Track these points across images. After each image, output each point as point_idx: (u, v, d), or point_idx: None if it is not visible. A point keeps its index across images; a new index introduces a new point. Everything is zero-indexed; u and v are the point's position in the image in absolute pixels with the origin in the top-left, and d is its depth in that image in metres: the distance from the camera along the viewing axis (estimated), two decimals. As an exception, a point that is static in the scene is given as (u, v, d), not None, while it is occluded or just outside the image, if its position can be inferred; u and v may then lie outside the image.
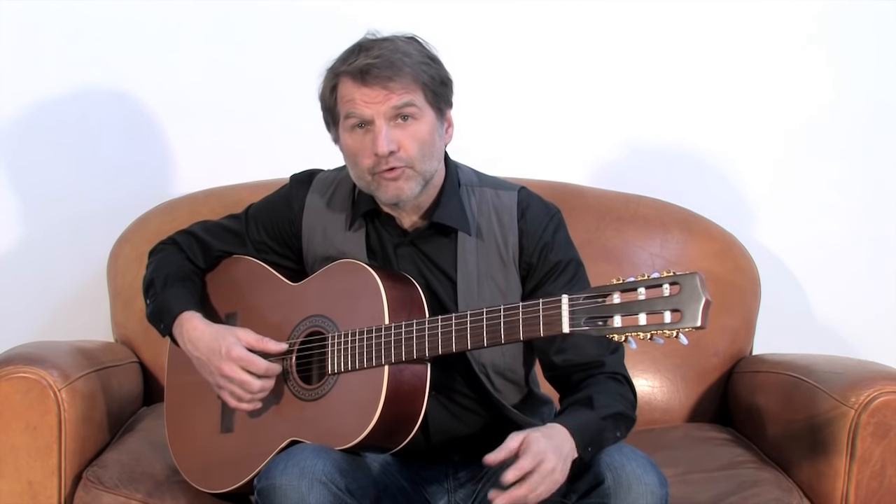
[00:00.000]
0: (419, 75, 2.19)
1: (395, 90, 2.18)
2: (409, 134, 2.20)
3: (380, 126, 2.18)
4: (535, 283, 2.28)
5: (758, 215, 3.19)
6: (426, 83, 2.20)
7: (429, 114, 2.22)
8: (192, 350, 2.32)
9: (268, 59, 3.16)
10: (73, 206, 3.16)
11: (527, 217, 2.29)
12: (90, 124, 3.17)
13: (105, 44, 3.15)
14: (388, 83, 2.17)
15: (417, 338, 2.15)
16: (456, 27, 3.14)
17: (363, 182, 2.24)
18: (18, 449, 2.42)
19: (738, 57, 3.19)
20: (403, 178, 2.20)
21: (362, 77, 2.18)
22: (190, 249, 2.44)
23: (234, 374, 2.26)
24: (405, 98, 2.18)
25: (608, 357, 2.24)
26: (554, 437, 2.08)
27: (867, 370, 2.53)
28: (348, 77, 2.20)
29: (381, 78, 2.17)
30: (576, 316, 2.03)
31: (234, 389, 2.27)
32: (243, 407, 2.29)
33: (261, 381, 2.26)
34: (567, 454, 2.08)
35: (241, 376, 2.26)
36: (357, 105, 2.19)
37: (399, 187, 2.21)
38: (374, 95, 2.18)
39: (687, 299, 1.94)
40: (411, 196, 2.22)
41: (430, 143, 2.22)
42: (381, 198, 2.24)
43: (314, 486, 2.07)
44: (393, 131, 2.19)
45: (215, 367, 2.28)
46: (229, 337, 2.28)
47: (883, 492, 2.43)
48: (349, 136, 2.23)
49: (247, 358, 2.26)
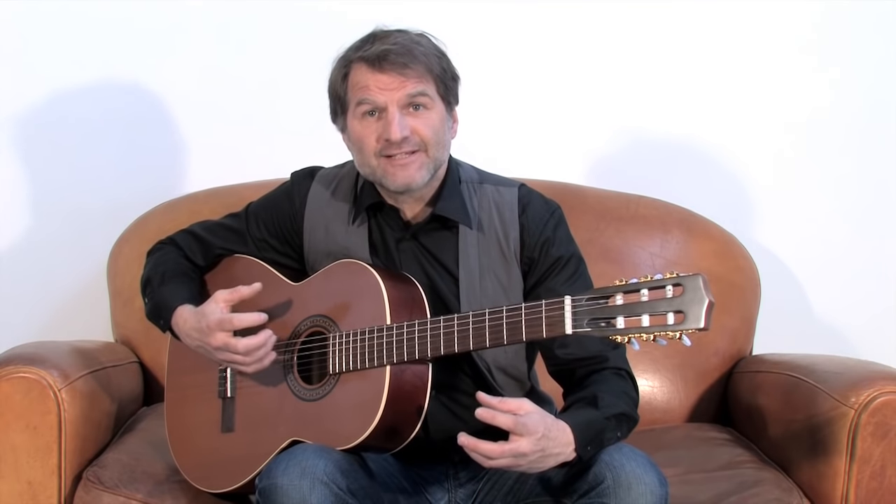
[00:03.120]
0: (433, 66, 2.21)
1: (410, 77, 2.18)
2: (423, 121, 2.21)
3: (393, 113, 2.19)
4: (536, 279, 2.28)
5: (758, 215, 3.19)
6: (439, 75, 2.21)
7: (439, 105, 2.23)
8: (190, 342, 2.31)
9: (268, 60, 3.16)
10: (73, 206, 3.15)
11: (528, 213, 2.30)
12: (90, 124, 3.17)
13: (105, 44, 3.15)
14: (404, 69, 2.18)
15: (419, 338, 2.15)
16: (456, 27, 3.12)
17: (369, 169, 2.24)
18: (18, 449, 2.42)
19: (738, 56, 3.19)
20: (416, 164, 2.20)
21: (379, 63, 2.18)
22: (188, 248, 2.44)
23: (224, 342, 2.23)
24: (419, 87, 2.19)
25: (611, 352, 2.24)
26: (553, 439, 2.07)
27: (867, 370, 2.53)
28: (363, 63, 2.20)
29: (397, 64, 2.17)
30: (578, 317, 2.03)
31: (234, 357, 2.25)
32: (253, 369, 2.25)
33: (245, 340, 2.22)
34: (554, 456, 2.08)
35: (226, 340, 2.23)
36: (371, 91, 2.19)
37: (410, 175, 2.21)
38: (388, 82, 2.18)
39: (690, 301, 1.94)
40: (421, 184, 2.22)
41: (441, 130, 2.23)
42: (390, 185, 2.23)
43: (315, 486, 2.06)
44: (406, 118, 2.19)
45: (208, 346, 2.26)
46: (206, 308, 2.26)
47: (883, 492, 2.43)
48: (358, 122, 2.22)
49: (225, 319, 2.23)
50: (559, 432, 2.08)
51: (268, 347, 2.24)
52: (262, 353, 2.24)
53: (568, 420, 2.12)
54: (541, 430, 2.05)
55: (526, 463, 2.07)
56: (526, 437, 2.04)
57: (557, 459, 2.09)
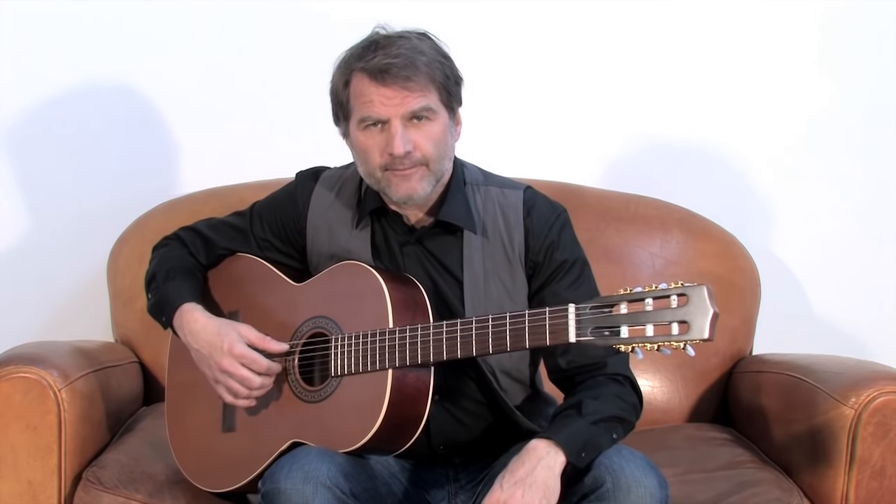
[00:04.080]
0: (435, 75, 2.18)
1: (413, 91, 2.16)
2: (425, 134, 2.19)
3: (396, 127, 2.17)
4: (541, 282, 2.28)
5: (758, 215, 3.19)
6: (442, 83, 2.19)
7: (442, 113, 2.21)
8: (191, 342, 2.31)
9: (268, 60, 3.15)
10: (73, 207, 3.15)
11: (532, 216, 2.29)
12: (91, 125, 3.17)
13: (106, 44, 3.14)
14: (406, 83, 2.16)
15: (422, 342, 2.15)
16: (457, 27, 3.12)
17: (373, 179, 2.24)
18: (18, 449, 2.42)
19: (738, 57, 3.18)
20: (417, 176, 2.20)
21: (382, 77, 2.16)
22: (193, 245, 2.44)
23: (235, 370, 2.25)
24: (422, 101, 2.17)
25: (611, 357, 2.23)
26: (531, 474, 2.07)
27: (867, 370, 2.53)
28: (365, 75, 2.18)
29: (399, 78, 2.15)
30: (582, 325, 2.02)
31: (233, 385, 2.26)
32: (239, 404, 2.28)
33: (261, 379, 2.26)
34: (546, 476, 2.07)
35: (242, 372, 2.25)
36: (374, 105, 2.18)
37: (412, 187, 2.20)
38: (391, 95, 2.17)
39: (694, 311, 1.94)
40: (423, 196, 2.22)
41: (443, 142, 2.21)
42: (392, 196, 2.23)
43: (318, 490, 2.06)
44: (408, 131, 2.18)
45: (215, 362, 2.27)
46: (232, 332, 2.27)
47: (883, 492, 2.43)
48: (362, 133, 2.21)
49: (249, 356, 2.25)
50: (534, 463, 2.08)
51: (263, 392, 2.27)
52: (257, 395, 2.27)
53: (550, 435, 2.10)
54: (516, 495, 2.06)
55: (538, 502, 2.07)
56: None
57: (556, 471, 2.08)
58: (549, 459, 2.08)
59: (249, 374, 2.25)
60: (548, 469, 2.08)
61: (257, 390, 2.26)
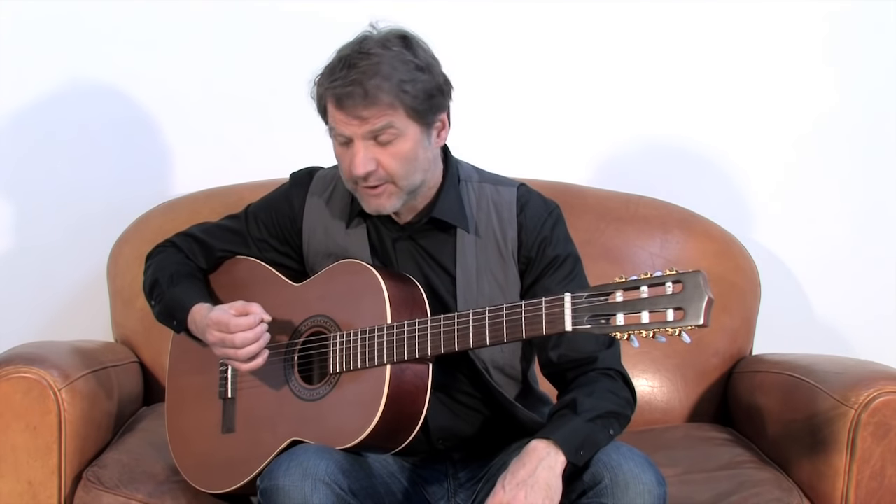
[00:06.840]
0: (398, 97, 2.15)
1: (372, 115, 2.15)
2: (389, 153, 2.18)
3: (358, 147, 2.17)
4: (533, 278, 2.28)
5: (758, 215, 3.19)
6: (407, 103, 2.16)
7: (412, 130, 2.18)
8: (207, 337, 2.30)
9: (267, 60, 3.16)
10: (73, 207, 3.15)
11: (526, 212, 2.29)
12: (90, 124, 3.17)
13: (105, 44, 3.15)
14: (363, 111, 2.15)
15: (419, 337, 2.16)
16: (455, 27, 3.14)
17: (350, 187, 2.26)
18: (18, 449, 2.42)
19: (738, 57, 3.19)
20: (386, 194, 2.20)
21: (341, 102, 2.16)
22: (189, 250, 2.44)
23: (215, 338, 2.24)
24: (380, 123, 2.15)
25: (603, 352, 2.24)
26: (533, 475, 2.07)
27: (867, 370, 2.53)
28: (331, 96, 2.18)
29: (357, 107, 2.14)
30: (578, 314, 2.03)
31: (225, 352, 2.24)
32: (246, 367, 2.24)
33: (240, 336, 2.21)
34: (548, 477, 2.08)
35: (220, 336, 2.23)
36: (338, 124, 2.18)
37: (381, 203, 2.21)
38: (350, 119, 2.16)
39: (690, 297, 1.95)
40: (392, 210, 2.23)
41: (412, 158, 2.20)
42: (365, 208, 2.25)
43: (317, 486, 2.07)
44: (371, 150, 2.17)
45: (207, 340, 2.27)
46: (214, 307, 2.27)
47: (883, 492, 2.43)
48: (337, 146, 2.23)
49: (217, 318, 2.24)
50: (534, 463, 2.09)
51: (260, 344, 2.23)
52: (255, 349, 2.23)
53: (547, 435, 2.11)
54: (519, 495, 2.07)
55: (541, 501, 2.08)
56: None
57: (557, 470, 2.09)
58: (549, 460, 2.09)
59: (224, 335, 2.22)
60: (549, 469, 2.08)
61: (252, 346, 2.21)
